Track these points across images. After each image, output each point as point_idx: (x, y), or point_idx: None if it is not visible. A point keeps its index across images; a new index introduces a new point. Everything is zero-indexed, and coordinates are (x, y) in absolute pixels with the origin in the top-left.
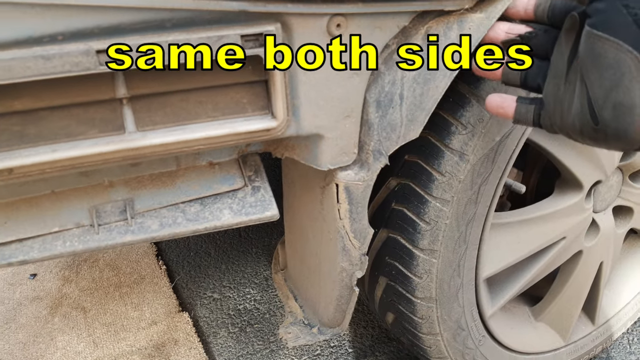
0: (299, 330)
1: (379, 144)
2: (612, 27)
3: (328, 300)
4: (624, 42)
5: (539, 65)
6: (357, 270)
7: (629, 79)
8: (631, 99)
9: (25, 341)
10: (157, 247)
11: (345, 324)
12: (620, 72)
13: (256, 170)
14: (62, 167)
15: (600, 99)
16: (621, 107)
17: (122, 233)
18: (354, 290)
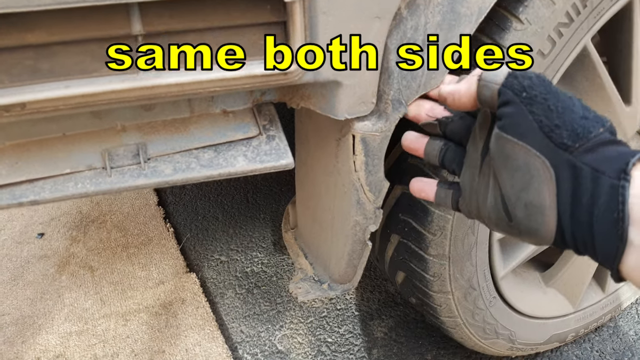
0: (309, 286)
1: (398, 92)
2: (520, 132)
3: (340, 255)
4: (531, 147)
5: (454, 150)
6: (371, 224)
7: (538, 181)
8: (541, 200)
9: (32, 297)
10: (165, 210)
11: (356, 279)
12: (530, 174)
13: (271, 119)
14: (75, 104)
15: (513, 198)
16: (532, 207)
17: (135, 176)
18: (367, 245)
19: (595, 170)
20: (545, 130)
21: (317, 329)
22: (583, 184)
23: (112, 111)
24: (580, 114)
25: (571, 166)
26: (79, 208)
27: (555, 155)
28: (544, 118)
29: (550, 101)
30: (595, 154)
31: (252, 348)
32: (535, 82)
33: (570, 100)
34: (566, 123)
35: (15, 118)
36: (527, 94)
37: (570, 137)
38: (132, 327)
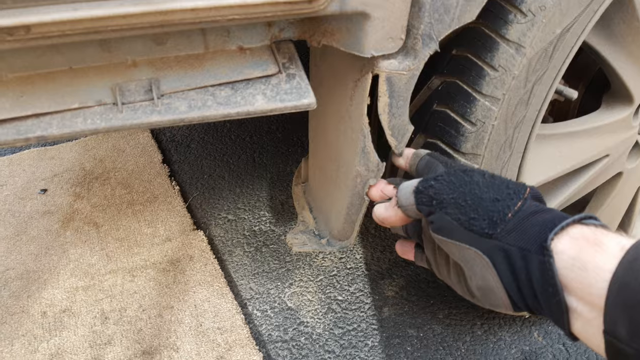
0: (307, 238)
1: (429, 27)
2: (447, 231)
3: (339, 209)
4: (461, 242)
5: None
6: (372, 177)
7: (480, 268)
8: (488, 284)
9: (37, 253)
10: (170, 168)
11: (352, 237)
12: (470, 264)
13: (290, 57)
14: (83, 29)
15: (468, 281)
16: (484, 290)
17: (148, 113)
18: (365, 200)
19: (522, 249)
20: (466, 226)
21: (327, 287)
22: (516, 263)
23: (122, 44)
24: (492, 197)
25: (501, 249)
26: (82, 165)
27: (483, 243)
28: (460, 215)
29: (459, 198)
30: (518, 233)
31: (262, 305)
32: (438, 187)
33: (478, 188)
34: (480, 213)
35: (20, 44)
36: (437, 200)
37: (489, 225)
38: (139, 283)
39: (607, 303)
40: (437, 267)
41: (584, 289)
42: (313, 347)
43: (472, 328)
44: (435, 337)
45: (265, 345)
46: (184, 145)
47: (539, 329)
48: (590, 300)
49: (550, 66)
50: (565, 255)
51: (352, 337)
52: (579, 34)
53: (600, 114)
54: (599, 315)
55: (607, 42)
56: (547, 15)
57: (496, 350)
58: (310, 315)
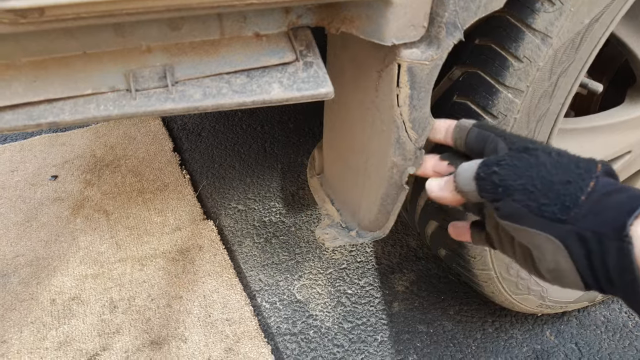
0: (336, 232)
1: (454, 15)
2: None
3: (371, 200)
4: (531, 228)
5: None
6: (410, 165)
7: (551, 253)
8: (559, 267)
9: (47, 239)
10: (181, 156)
11: (387, 227)
12: (541, 249)
13: (308, 45)
14: (99, 12)
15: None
16: (555, 272)
17: (162, 100)
18: (404, 189)
19: (597, 233)
20: (536, 212)
21: (337, 280)
22: (591, 248)
23: (137, 29)
24: (562, 180)
25: (575, 234)
26: (93, 152)
27: (556, 229)
28: (529, 202)
29: (527, 183)
30: (593, 216)
31: (271, 297)
32: (502, 173)
33: (546, 170)
34: (552, 197)
35: (33, 27)
36: (503, 187)
37: (561, 210)
38: (148, 272)
39: None
40: (500, 246)
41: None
42: (322, 341)
43: (484, 325)
44: (446, 334)
45: (273, 338)
46: (195, 133)
47: (551, 328)
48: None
49: (576, 58)
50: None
51: (361, 331)
52: (607, 24)
53: (623, 109)
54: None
55: (635, 34)
56: (575, 4)
57: (507, 348)
58: (319, 309)
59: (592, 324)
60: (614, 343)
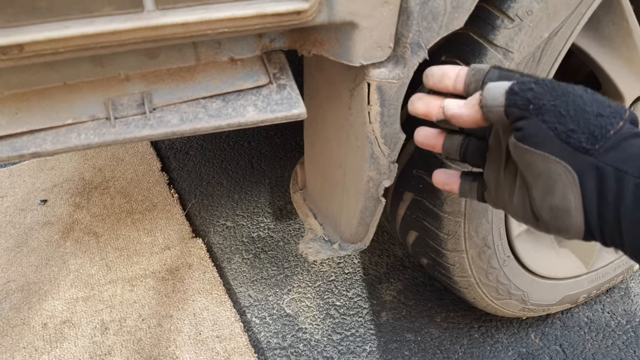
0: (319, 246)
1: (418, 35)
2: (537, 141)
3: (351, 213)
4: (551, 154)
5: (476, 144)
6: (385, 179)
7: (562, 185)
8: (567, 203)
9: (37, 264)
10: (169, 176)
11: (368, 238)
12: (553, 179)
13: (281, 67)
14: (76, 46)
15: (538, 201)
16: (558, 210)
17: (140, 127)
18: (381, 201)
19: (618, 169)
20: (562, 137)
21: (325, 292)
22: (607, 184)
23: (115, 59)
24: (595, 112)
25: (594, 168)
26: (82, 174)
27: (576, 159)
28: (558, 125)
29: (561, 106)
30: (616, 153)
31: (260, 312)
32: (539, 91)
33: (581, 100)
34: (581, 125)
35: (14, 63)
36: (535, 105)
37: (588, 140)
38: (139, 293)
39: None
40: (496, 190)
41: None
42: (311, 354)
43: (470, 331)
44: (433, 341)
45: (264, 353)
46: (183, 152)
47: (536, 331)
48: None
49: (538, 70)
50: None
51: (350, 342)
52: (567, 37)
53: None
54: None
55: (596, 43)
56: (534, 20)
57: (493, 352)
58: (308, 322)
59: (575, 325)
60: (597, 343)
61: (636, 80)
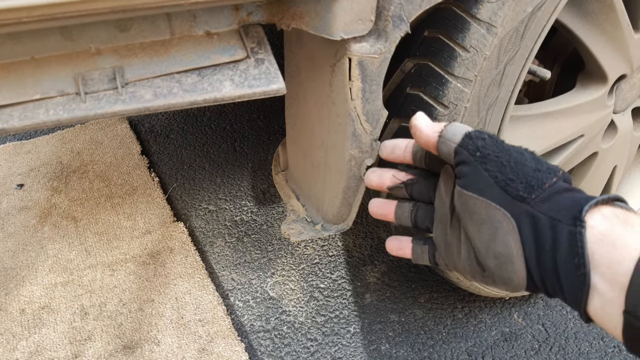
0: (301, 227)
1: (399, 7)
2: (479, 188)
3: (333, 193)
4: (491, 201)
5: (424, 209)
6: (367, 157)
7: (503, 232)
8: (508, 250)
9: (14, 249)
10: (149, 159)
11: (350, 218)
12: (494, 226)
13: (259, 42)
14: (41, 15)
15: (483, 250)
16: (501, 257)
17: (112, 102)
18: (363, 181)
19: (553, 218)
20: (502, 185)
21: (309, 275)
22: (543, 232)
23: (85, 32)
24: (533, 167)
25: (530, 216)
26: (59, 158)
27: (514, 206)
28: (498, 174)
29: (503, 158)
30: (551, 203)
31: (244, 295)
32: (488, 142)
33: (522, 156)
34: (520, 176)
35: None
36: (481, 154)
37: (525, 189)
38: (119, 277)
39: (631, 282)
40: (445, 249)
41: (610, 265)
42: (295, 336)
43: (453, 311)
44: (417, 322)
45: (247, 336)
46: (163, 135)
47: (519, 311)
48: (614, 278)
49: (522, 46)
50: (596, 230)
51: (334, 324)
52: (550, 11)
53: (574, 94)
54: (620, 295)
55: (579, 20)
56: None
57: (477, 332)
58: (292, 304)
59: (558, 305)
60: (579, 322)
61: (619, 58)
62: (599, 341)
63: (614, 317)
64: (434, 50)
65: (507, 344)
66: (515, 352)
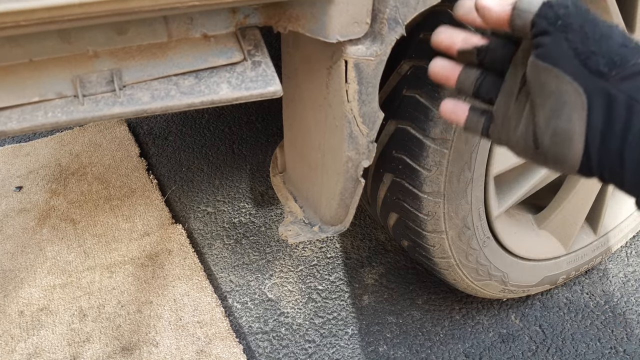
0: (299, 229)
1: (395, 10)
2: (555, 59)
3: (330, 195)
4: (565, 73)
5: (492, 81)
6: (364, 159)
7: (570, 108)
8: (570, 127)
9: (13, 251)
10: (148, 161)
11: (347, 220)
12: (562, 101)
13: (256, 44)
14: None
15: (543, 124)
16: (560, 134)
17: (110, 104)
18: (360, 182)
19: (631, 98)
20: (581, 57)
21: (308, 277)
22: (617, 111)
23: (83, 35)
24: (620, 42)
25: (606, 94)
26: (58, 160)
27: (589, 82)
28: (579, 45)
29: (587, 28)
30: (631, 82)
31: (242, 297)
32: (572, 10)
33: (609, 29)
34: (603, 50)
35: None
36: (563, 22)
37: (607, 64)
38: (117, 279)
39: None
40: (503, 122)
41: None
42: (293, 337)
43: (451, 313)
44: (415, 323)
45: (245, 337)
46: (162, 138)
47: (516, 312)
48: None
49: None
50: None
51: (332, 325)
52: None
53: None
54: None
55: None
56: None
57: (474, 334)
58: (290, 306)
59: (555, 306)
60: (576, 323)
61: None
62: (596, 342)
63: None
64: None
65: (504, 345)
66: (513, 354)
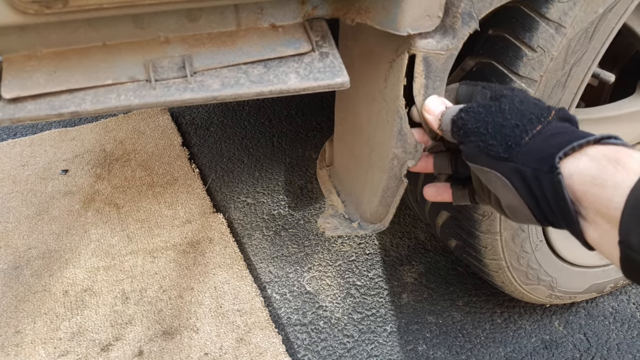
0: (338, 222)
1: (470, 4)
2: (473, 157)
3: (373, 192)
4: (483, 166)
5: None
6: (410, 159)
7: (502, 189)
8: (512, 202)
9: (58, 232)
10: (190, 151)
11: (387, 219)
12: (496, 185)
13: (323, 36)
14: (120, 2)
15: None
16: (512, 209)
17: (181, 90)
18: (403, 182)
19: (535, 169)
20: (485, 151)
21: (346, 272)
22: (531, 182)
23: (156, 20)
24: (512, 123)
25: (517, 171)
26: (103, 146)
27: (501, 166)
28: (480, 142)
29: (481, 127)
30: (532, 155)
31: (281, 288)
32: (466, 118)
33: (501, 116)
34: (499, 139)
35: (56, 18)
36: (463, 131)
37: (505, 150)
38: (159, 264)
39: (623, 215)
40: (479, 190)
41: (602, 203)
42: (332, 331)
43: (492, 316)
44: (455, 324)
45: (284, 328)
46: (204, 128)
47: (560, 319)
48: (607, 213)
49: (589, 48)
50: (585, 174)
51: (370, 322)
52: (620, 14)
53: (635, 99)
54: (614, 227)
55: None
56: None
57: (516, 338)
58: (329, 300)
59: (600, 315)
60: (622, 333)
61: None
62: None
63: (611, 247)
64: (498, 48)
65: (547, 351)
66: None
